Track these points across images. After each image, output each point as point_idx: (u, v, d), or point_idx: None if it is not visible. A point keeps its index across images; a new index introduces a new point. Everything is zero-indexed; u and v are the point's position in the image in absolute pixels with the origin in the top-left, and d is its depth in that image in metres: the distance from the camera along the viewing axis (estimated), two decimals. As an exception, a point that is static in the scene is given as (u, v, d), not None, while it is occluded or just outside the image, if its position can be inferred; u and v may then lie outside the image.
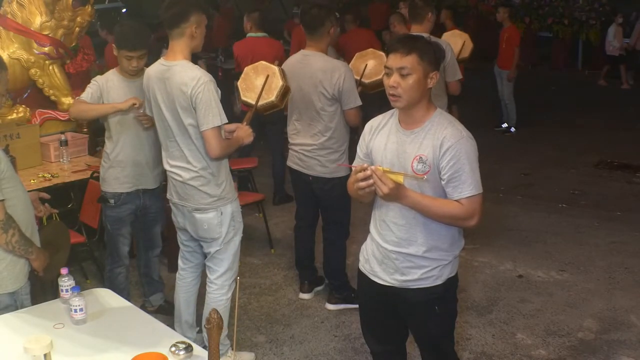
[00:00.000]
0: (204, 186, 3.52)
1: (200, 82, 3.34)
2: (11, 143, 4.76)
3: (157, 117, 3.57)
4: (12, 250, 2.86)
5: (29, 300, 3.04)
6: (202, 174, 3.51)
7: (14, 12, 5.25)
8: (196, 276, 3.90)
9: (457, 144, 2.59)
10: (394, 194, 2.51)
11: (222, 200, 3.58)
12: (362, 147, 2.85)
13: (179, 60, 3.43)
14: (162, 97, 3.46)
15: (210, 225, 3.59)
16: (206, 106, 3.34)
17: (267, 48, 6.50)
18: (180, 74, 3.38)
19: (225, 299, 3.73)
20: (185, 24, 3.39)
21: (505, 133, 9.35)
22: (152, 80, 3.52)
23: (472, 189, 2.60)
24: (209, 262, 3.73)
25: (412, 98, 2.62)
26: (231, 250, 3.69)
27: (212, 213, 3.57)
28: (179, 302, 3.90)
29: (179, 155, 3.54)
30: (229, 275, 3.72)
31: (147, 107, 3.67)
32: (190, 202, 3.59)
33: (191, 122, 3.41)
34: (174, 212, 3.76)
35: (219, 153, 3.44)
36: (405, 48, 2.59)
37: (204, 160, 3.49)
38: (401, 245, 2.72)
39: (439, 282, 2.75)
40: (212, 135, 3.38)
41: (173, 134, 3.50)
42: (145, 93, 3.63)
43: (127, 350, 2.54)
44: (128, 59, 3.88)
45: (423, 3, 4.92)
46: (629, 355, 4.02)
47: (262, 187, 6.63)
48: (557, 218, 6.24)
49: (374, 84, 4.79)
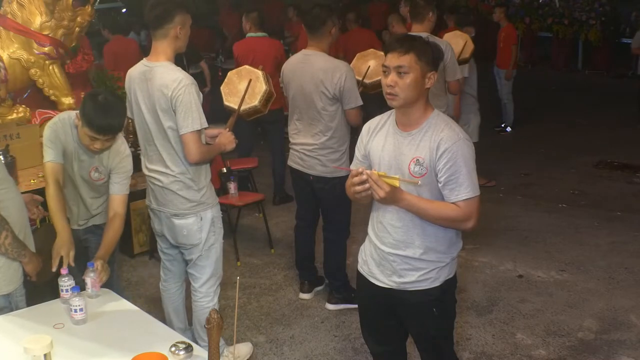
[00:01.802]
0: (182, 190, 3.46)
1: (182, 85, 3.28)
2: (11, 143, 4.76)
3: (137, 119, 3.52)
4: (5, 252, 2.84)
5: (24, 302, 3.03)
6: (180, 179, 3.45)
7: (14, 12, 5.24)
8: (179, 285, 3.85)
9: (454, 146, 2.59)
10: (390, 197, 2.52)
11: (201, 205, 3.51)
12: (360, 148, 2.86)
13: (162, 62, 3.37)
14: (143, 98, 3.41)
15: (189, 231, 3.52)
16: (186, 109, 3.28)
17: (267, 48, 6.50)
18: (162, 76, 3.32)
19: (212, 305, 3.65)
20: (170, 24, 3.34)
21: (501, 133, 9.36)
22: (134, 81, 3.46)
23: (469, 191, 2.60)
24: (191, 270, 3.66)
25: (409, 97, 2.62)
26: (213, 257, 3.62)
27: (192, 218, 3.50)
28: (168, 312, 3.87)
29: (157, 159, 3.48)
30: (212, 281, 3.67)
31: (128, 108, 3.57)
32: (168, 207, 3.52)
33: (171, 125, 3.35)
34: (152, 218, 3.70)
35: (198, 158, 3.37)
36: (403, 47, 2.60)
37: (182, 164, 3.42)
38: (398, 248, 2.72)
39: (437, 284, 2.75)
40: (191, 139, 3.31)
41: (152, 137, 3.44)
42: (127, 94, 3.57)
43: (127, 350, 2.54)
44: (91, 139, 3.24)
45: (424, 2, 4.92)
46: (629, 355, 4.02)
47: (262, 187, 6.63)
48: (557, 218, 6.23)
49: (375, 84, 4.80)
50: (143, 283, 5.04)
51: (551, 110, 10.55)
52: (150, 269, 5.27)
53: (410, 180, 2.60)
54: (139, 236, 5.46)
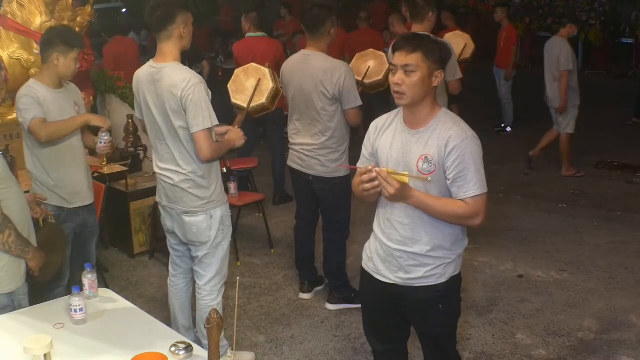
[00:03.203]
0: (193, 189, 3.48)
1: (191, 84, 3.30)
2: (11, 143, 4.77)
3: (147, 119, 3.54)
4: (9, 250, 2.86)
5: (26, 300, 3.05)
6: (191, 177, 3.47)
7: (14, 12, 5.24)
8: (187, 282, 3.86)
9: (462, 143, 2.60)
10: (399, 194, 2.54)
11: (211, 203, 3.54)
12: (367, 146, 2.86)
13: (169, 62, 3.39)
14: (153, 99, 3.42)
15: (199, 228, 3.54)
16: (196, 108, 3.30)
17: (267, 48, 6.51)
18: (170, 76, 3.34)
19: (216, 304, 3.67)
20: (172, 25, 3.35)
21: (500, 132, 9.36)
22: (142, 83, 3.48)
23: (477, 188, 2.61)
24: (197, 267, 3.68)
25: (416, 96, 2.63)
26: (220, 255, 3.64)
27: (202, 216, 3.53)
28: (174, 308, 3.87)
29: (168, 158, 3.50)
30: (217, 280, 3.68)
31: (137, 110, 3.63)
32: (179, 205, 3.54)
33: (181, 125, 3.37)
34: (162, 215, 3.72)
35: (209, 155, 3.40)
36: (411, 46, 2.61)
37: (194, 163, 3.45)
38: (406, 244, 2.73)
39: (443, 280, 2.76)
40: (202, 137, 3.34)
41: (163, 136, 3.46)
42: (135, 96, 3.59)
43: (127, 350, 2.54)
44: (74, 60, 3.76)
45: (424, 2, 4.92)
46: (629, 355, 4.02)
47: (262, 187, 6.63)
48: (557, 218, 6.24)
49: (375, 84, 4.80)
50: (143, 283, 5.05)
51: (551, 110, 10.54)
52: (150, 269, 5.27)
53: (420, 177, 2.61)
54: (139, 236, 5.47)
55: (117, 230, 5.56)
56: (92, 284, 3.03)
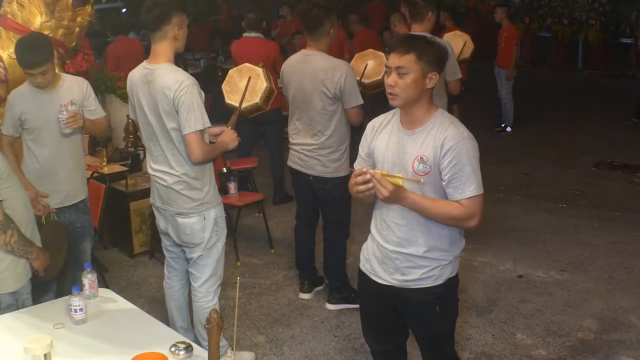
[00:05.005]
0: (186, 190, 3.47)
1: (183, 85, 3.29)
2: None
3: (141, 120, 3.54)
4: (12, 250, 2.87)
5: (30, 299, 3.05)
6: (184, 179, 3.46)
7: (14, 12, 5.23)
8: (183, 283, 3.84)
9: (458, 144, 2.59)
10: (393, 196, 2.53)
11: (205, 204, 3.52)
12: (363, 146, 2.86)
13: (162, 63, 3.38)
14: (146, 100, 3.41)
15: (192, 230, 3.53)
16: (188, 109, 3.28)
17: (261, 48, 6.49)
18: (163, 77, 3.33)
19: (212, 305, 3.65)
20: (167, 26, 3.34)
21: (501, 132, 9.36)
22: (135, 84, 3.47)
23: (472, 189, 2.61)
24: (192, 269, 3.67)
25: (409, 97, 2.62)
26: (214, 256, 3.63)
27: (195, 217, 3.51)
28: (171, 310, 3.87)
29: (162, 160, 3.49)
30: (212, 281, 3.67)
31: (131, 111, 3.62)
32: (172, 206, 3.53)
33: (174, 126, 3.36)
34: (156, 216, 3.71)
35: (201, 157, 3.38)
36: (404, 47, 2.61)
37: (186, 164, 3.44)
38: (402, 246, 2.73)
39: (440, 282, 2.75)
40: (194, 139, 3.32)
41: (156, 137, 3.45)
42: (129, 97, 3.59)
43: (127, 350, 2.54)
44: (30, 76, 3.76)
45: (424, 2, 4.92)
46: (629, 355, 4.02)
47: (262, 187, 6.63)
48: (557, 218, 6.24)
49: (374, 84, 4.80)
50: (143, 283, 5.05)
51: (551, 110, 10.56)
52: (150, 269, 5.27)
53: (413, 179, 2.60)
54: (139, 236, 5.46)
55: (117, 230, 5.56)
56: (92, 284, 3.04)
